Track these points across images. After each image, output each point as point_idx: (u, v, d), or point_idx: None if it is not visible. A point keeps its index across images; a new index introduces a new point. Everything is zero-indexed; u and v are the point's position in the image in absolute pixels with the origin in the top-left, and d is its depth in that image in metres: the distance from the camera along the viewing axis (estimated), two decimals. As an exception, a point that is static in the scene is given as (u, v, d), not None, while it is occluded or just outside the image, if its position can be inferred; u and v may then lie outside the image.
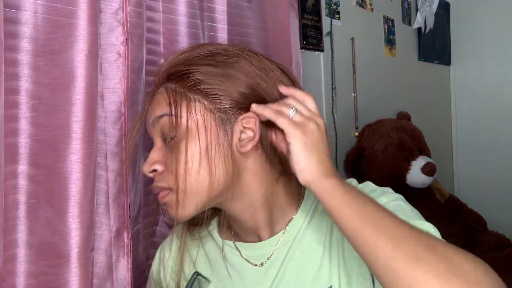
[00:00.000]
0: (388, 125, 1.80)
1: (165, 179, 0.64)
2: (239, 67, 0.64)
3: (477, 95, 2.66)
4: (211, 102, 0.63)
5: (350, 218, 0.54)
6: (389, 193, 0.67)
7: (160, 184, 0.65)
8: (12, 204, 0.73)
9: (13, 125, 0.73)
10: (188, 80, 0.63)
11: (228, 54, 0.66)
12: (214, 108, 0.63)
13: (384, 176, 1.70)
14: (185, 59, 0.66)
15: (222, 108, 0.63)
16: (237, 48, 0.67)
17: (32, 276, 0.74)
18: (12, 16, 0.72)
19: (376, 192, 0.67)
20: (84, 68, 0.77)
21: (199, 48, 0.67)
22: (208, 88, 0.63)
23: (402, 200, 0.66)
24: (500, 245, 1.79)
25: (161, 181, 0.65)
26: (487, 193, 2.53)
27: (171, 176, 0.63)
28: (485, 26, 2.60)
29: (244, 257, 0.71)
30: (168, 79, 0.66)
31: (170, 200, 0.64)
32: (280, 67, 0.69)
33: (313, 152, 0.58)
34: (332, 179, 0.57)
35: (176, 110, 0.62)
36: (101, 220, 0.85)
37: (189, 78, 0.63)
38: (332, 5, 1.69)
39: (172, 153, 0.63)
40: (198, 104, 0.63)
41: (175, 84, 0.64)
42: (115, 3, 0.85)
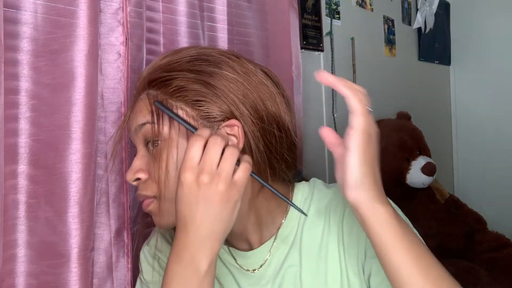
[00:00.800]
0: (388, 125, 1.80)
1: (149, 187, 0.63)
2: (221, 72, 0.62)
3: (477, 95, 2.66)
4: (194, 109, 0.61)
5: (401, 260, 0.52)
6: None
7: (144, 193, 0.64)
8: (12, 204, 0.73)
9: (13, 125, 0.73)
10: (170, 86, 0.62)
11: (210, 59, 0.64)
12: (196, 115, 0.61)
13: (384, 176, 1.68)
14: (167, 64, 0.64)
15: (205, 115, 0.61)
16: (219, 52, 0.66)
17: (32, 276, 0.74)
18: (12, 16, 0.72)
19: None
20: (84, 68, 0.77)
21: (181, 53, 0.65)
22: (190, 94, 0.61)
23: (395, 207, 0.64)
24: (500, 245, 1.79)
25: (145, 189, 0.64)
26: (487, 193, 2.53)
27: (154, 184, 0.62)
28: (485, 26, 2.60)
29: (238, 264, 0.71)
30: (150, 85, 0.64)
31: (154, 208, 0.64)
32: (263, 70, 0.67)
33: (371, 167, 0.53)
34: (387, 207, 0.53)
35: (158, 118, 0.61)
36: (101, 220, 0.85)
37: (171, 84, 0.62)
38: (332, 5, 1.69)
39: (155, 161, 0.62)
40: (180, 111, 0.61)
41: (157, 90, 0.63)
42: (115, 3, 0.85)
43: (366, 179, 0.52)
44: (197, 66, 0.63)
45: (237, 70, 0.63)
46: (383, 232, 0.52)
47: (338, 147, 0.56)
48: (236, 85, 0.62)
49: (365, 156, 0.51)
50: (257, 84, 0.64)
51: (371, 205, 0.52)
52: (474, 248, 1.80)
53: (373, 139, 0.53)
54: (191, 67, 0.63)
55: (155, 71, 0.64)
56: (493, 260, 1.71)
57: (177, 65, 0.63)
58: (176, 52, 0.66)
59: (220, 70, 0.63)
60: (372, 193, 0.52)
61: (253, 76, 0.65)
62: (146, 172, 0.63)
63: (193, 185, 0.54)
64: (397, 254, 0.52)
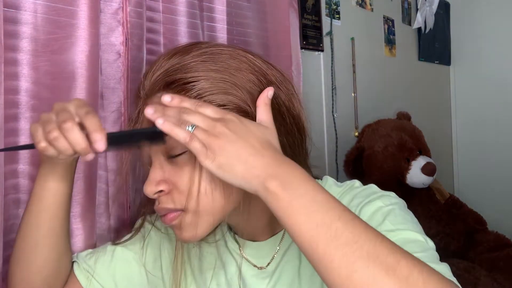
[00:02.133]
0: (388, 125, 1.80)
1: (174, 199, 0.58)
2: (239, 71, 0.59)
3: (477, 95, 2.65)
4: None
5: (302, 227, 0.47)
6: (388, 197, 0.63)
7: (169, 206, 0.58)
8: (12, 203, 0.73)
9: (13, 124, 0.73)
10: (192, 89, 0.57)
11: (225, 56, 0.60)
12: None
13: (384, 176, 1.69)
14: (181, 63, 0.59)
15: None
16: (230, 49, 0.62)
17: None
18: (12, 16, 0.72)
19: (375, 195, 0.63)
20: (85, 69, 0.77)
21: (193, 50, 0.60)
22: (215, 98, 0.57)
23: (399, 206, 0.61)
24: (500, 245, 1.79)
25: (169, 202, 0.58)
26: (487, 193, 2.53)
27: (180, 196, 0.58)
28: (485, 26, 2.60)
29: (243, 253, 0.71)
30: (167, 87, 0.58)
31: (182, 221, 0.59)
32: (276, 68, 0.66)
33: (236, 164, 0.50)
34: (274, 181, 0.49)
35: None
36: (101, 220, 0.85)
37: (193, 87, 0.57)
38: (332, 5, 1.69)
39: (181, 171, 0.57)
40: None
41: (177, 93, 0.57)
42: (115, 3, 0.85)
43: (237, 177, 0.50)
44: (216, 65, 0.59)
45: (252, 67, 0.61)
46: (275, 207, 0.49)
47: None
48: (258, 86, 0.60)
49: (220, 167, 0.50)
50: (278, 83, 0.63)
51: (258, 189, 0.50)
52: (474, 248, 1.80)
53: (218, 143, 0.51)
54: (211, 66, 0.58)
55: (171, 72, 0.58)
56: (493, 260, 1.70)
57: (193, 64, 0.58)
58: (186, 50, 0.61)
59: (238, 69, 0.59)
60: (253, 181, 0.50)
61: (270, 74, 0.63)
62: (168, 184, 0.58)
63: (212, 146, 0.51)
64: (296, 224, 0.47)
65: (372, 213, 0.60)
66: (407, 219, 0.59)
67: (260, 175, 0.50)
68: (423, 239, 0.56)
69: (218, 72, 0.58)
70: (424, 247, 0.55)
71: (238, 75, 0.59)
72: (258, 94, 0.59)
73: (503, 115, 2.55)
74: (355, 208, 0.62)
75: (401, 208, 0.61)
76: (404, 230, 0.56)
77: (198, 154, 0.51)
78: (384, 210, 0.59)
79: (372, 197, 0.63)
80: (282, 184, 0.49)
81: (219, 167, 0.50)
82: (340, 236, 0.45)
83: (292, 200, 0.48)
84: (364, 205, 0.61)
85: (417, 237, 0.56)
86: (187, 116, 0.52)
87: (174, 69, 0.59)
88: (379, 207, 0.60)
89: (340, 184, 0.70)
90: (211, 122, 0.52)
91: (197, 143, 0.51)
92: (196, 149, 0.51)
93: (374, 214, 0.59)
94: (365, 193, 0.64)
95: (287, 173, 0.50)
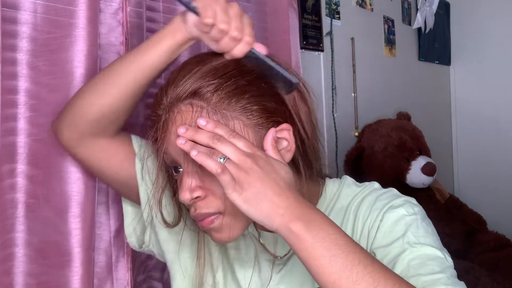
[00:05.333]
0: (388, 125, 1.80)
1: (211, 204, 0.60)
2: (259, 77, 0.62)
3: (477, 95, 2.65)
4: (248, 118, 0.59)
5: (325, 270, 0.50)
6: (410, 204, 0.64)
7: (207, 210, 0.60)
8: (10, 203, 0.72)
9: (12, 124, 0.73)
10: (220, 96, 0.58)
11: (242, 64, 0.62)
12: (251, 123, 0.59)
13: (384, 176, 1.69)
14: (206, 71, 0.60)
15: (258, 122, 0.60)
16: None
17: (32, 276, 0.74)
18: (11, 16, 0.72)
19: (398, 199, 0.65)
20: (84, 68, 0.77)
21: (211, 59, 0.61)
22: (242, 103, 0.59)
23: (421, 216, 0.63)
24: (500, 245, 1.79)
25: (207, 207, 0.60)
26: (487, 193, 2.52)
27: (217, 200, 0.59)
28: (485, 26, 2.59)
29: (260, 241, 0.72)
30: (193, 95, 0.58)
31: (219, 224, 0.61)
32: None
33: (262, 201, 0.53)
34: (297, 223, 0.52)
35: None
36: (101, 220, 0.85)
37: (221, 93, 0.58)
38: (332, 5, 1.69)
39: (215, 178, 0.57)
40: (237, 122, 0.59)
41: (204, 102, 0.58)
42: (115, 3, 0.85)
43: (261, 214, 0.53)
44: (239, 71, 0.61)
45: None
46: (297, 248, 0.52)
47: None
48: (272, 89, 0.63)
49: (246, 202, 0.53)
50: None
51: (281, 229, 0.53)
52: (474, 248, 1.80)
53: (246, 179, 0.53)
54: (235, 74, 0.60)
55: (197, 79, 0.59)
56: (493, 260, 1.70)
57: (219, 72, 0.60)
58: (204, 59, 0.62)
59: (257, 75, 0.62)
60: (277, 220, 0.52)
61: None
62: (203, 189, 0.60)
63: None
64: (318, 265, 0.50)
65: (395, 221, 0.62)
66: (428, 232, 0.62)
67: (285, 214, 0.52)
68: (442, 255, 0.58)
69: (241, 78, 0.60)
70: (443, 265, 0.57)
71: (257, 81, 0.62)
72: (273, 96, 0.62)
73: (503, 115, 2.55)
74: (378, 211, 0.63)
75: (423, 219, 0.63)
76: (425, 245, 0.59)
77: (226, 186, 0.53)
78: (407, 219, 0.62)
79: (395, 202, 0.64)
80: (306, 226, 0.52)
81: (245, 201, 0.53)
82: (361, 280, 0.49)
83: (315, 243, 0.51)
84: (387, 211, 0.63)
85: (437, 253, 0.58)
86: (220, 146, 0.55)
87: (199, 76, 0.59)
88: (402, 215, 0.62)
89: (360, 184, 0.71)
90: (242, 156, 0.54)
91: (227, 176, 0.53)
92: (225, 182, 0.53)
93: (398, 222, 0.61)
94: (387, 196, 0.66)
95: (310, 216, 0.53)
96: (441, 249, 0.60)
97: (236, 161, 0.54)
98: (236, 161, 0.54)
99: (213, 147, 0.55)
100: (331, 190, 0.71)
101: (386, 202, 0.64)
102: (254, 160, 0.54)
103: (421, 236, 0.60)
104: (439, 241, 0.62)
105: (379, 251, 0.61)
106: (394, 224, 0.61)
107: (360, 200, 0.67)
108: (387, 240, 0.61)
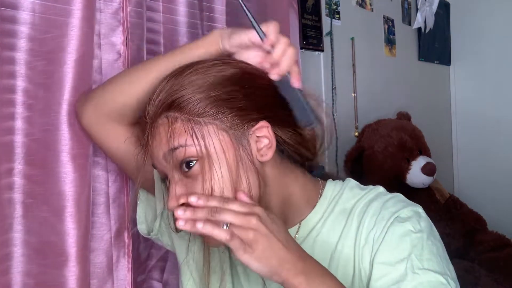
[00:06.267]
0: (388, 125, 1.80)
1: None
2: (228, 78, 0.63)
3: (477, 95, 2.66)
4: (222, 121, 0.60)
5: None
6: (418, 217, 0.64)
7: None
8: (7, 203, 0.72)
9: (9, 124, 0.73)
10: (190, 104, 0.60)
11: (209, 66, 0.64)
12: (226, 127, 0.61)
13: (384, 176, 1.69)
14: (176, 84, 0.62)
15: (233, 124, 0.61)
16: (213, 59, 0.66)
17: (30, 276, 0.74)
18: (10, 15, 0.72)
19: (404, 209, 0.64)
20: (80, 68, 0.77)
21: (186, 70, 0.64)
22: (214, 108, 0.60)
23: (427, 232, 0.63)
24: (500, 245, 1.79)
25: None
26: (487, 193, 2.53)
27: None
28: (485, 26, 2.60)
29: None
30: (168, 108, 0.61)
31: None
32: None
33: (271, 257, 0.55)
34: (300, 277, 0.55)
35: (193, 139, 0.59)
36: (101, 221, 0.85)
37: (190, 103, 0.60)
38: (332, 5, 1.69)
39: (197, 182, 0.60)
40: (211, 127, 0.60)
41: (178, 112, 0.60)
42: (115, 3, 0.85)
43: (270, 269, 0.55)
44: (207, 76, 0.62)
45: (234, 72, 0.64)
46: None
47: None
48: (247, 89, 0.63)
49: (256, 259, 0.54)
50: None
51: (286, 283, 0.55)
52: (474, 248, 1.80)
53: (255, 237, 0.55)
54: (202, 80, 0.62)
55: (169, 94, 0.61)
56: (493, 260, 1.70)
57: (187, 83, 0.62)
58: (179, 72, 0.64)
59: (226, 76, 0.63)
60: (283, 274, 0.55)
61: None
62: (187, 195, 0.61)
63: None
64: None
65: (400, 236, 0.61)
66: (433, 253, 0.61)
67: (290, 269, 0.55)
68: (445, 280, 0.58)
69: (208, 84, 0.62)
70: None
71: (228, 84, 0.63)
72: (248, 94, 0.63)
73: (503, 115, 2.55)
74: (384, 223, 0.63)
75: (428, 236, 0.62)
76: (429, 271, 0.58)
77: (237, 250, 0.54)
78: (413, 237, 0.61)
79: (401, 212, 0.64)
80: (307, 280, 0.55)
81: (257, 260, 0.54)
82: None
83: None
84: (393, 223, 0.62)
85: (440, 279, 0.58)
86: (220, 216, 0.56)
87: (171, 90, 0.62)
88: (408, 231, 0.62)
89: (364, 187, 0.70)
90: (244, 217, 0.56)
91: (237, 240, 0.54)
92: (236, 246, 0.54)
93: (403, 239, 0.61)
94: (393, 203, 0.66)
95: (311, 270, 0.56)
96: (444, 273, 0.59)
97: (239, 223, 0.55)
98: (239, 223, 0.55)
99: (215, 220, 0.56)
100: (332, 192, 0.70)
101: (393, 211, 0.64)
102: (257, 218, 0.56)
103: (425, 259, 0.59)
104: (443, 261, 0.61)
105: (381, 267, 0.60)
106: (399, 240, 0.61)
107: (365, 204, 0.66)
108: (391, 259, 0.60)
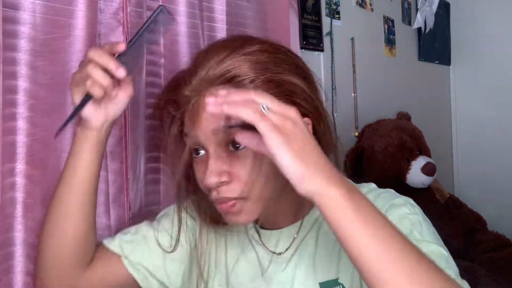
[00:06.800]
0: (388, 125, 1.80)
1: (235, 189, 0.60)
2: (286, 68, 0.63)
3: (477, 95, 2.65)
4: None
5: (362, 244, 0.48)
6: (410, 204, 0.66)
7: (230, 195, 0.60)
8: (9, 202, 0.72)
9: (11, 124, 0.73)
10: (255, 86, 0.59)
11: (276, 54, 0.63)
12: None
13: (384, 176, 1.69)
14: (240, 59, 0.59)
15: None
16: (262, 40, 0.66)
17: (31, 275, 0.74)
18: (11, 16, 0.71)
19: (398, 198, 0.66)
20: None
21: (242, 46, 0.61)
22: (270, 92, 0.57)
23: (422, 216, 0.64)
24: (500, 245, 1.79)
25: (230, 192, 0.60)
26: (487, 193, 2.52)
27: (241, 185, 0.59)
28: (485, 26, 2.59)
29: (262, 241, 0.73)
30: (228, 81, 0.59)
31: (239, 208, 0.61)
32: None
33: (305, 156, 0.49)
34: (340, 189, 0.48)
35: None
36: (101, 220, 0.85)
37: (257, 84, 0.59)
38: (332, 5, 1.69)
39: (243, 162, 0.59)
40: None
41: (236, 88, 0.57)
42: (115, 3, 0.85)
43: (305, 170, 0.48)
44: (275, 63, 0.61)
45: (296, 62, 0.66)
46: (337, 216, 0.48)
47: (262, 146, 0.50)
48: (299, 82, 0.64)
49: (291, 151, 0.48)
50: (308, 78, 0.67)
51: (322, 191, 0.48)
52: (474, 248, 1.80)
53: (293, 131, 0.48)
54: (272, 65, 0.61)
55: (231, 65, 0.59)
56: (493, 260, 1.70)
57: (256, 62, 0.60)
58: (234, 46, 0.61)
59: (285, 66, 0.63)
60: (318, 180, 0.48)
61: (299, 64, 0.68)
62: (229, 174, 0.60)
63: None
64: (357, 238, 0.48)
65: (399, 218, 0.62)
66: (431, 231, 0.63)
67: (330, 178, 0.49)
68: (447, 253, 0.59)
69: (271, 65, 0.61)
70: (449, 263, 0.57)
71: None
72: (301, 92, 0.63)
73: (503, 115, 2.55)
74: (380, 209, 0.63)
75: (424, 218, 0.64)
76: (431, 243, 0.59)
77: (269, 132, 0.47)
78: (411, 218, 0.62)
79: (395, 201, 0.65)
80: (349, 192, 0.49)
81: (292, 150, 0.48)
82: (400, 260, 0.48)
83: (356, 212, 0.48)
84: (389, 210, 0.64)
85: (443, 251, 0.59)
86: (256, 97, 0.49)
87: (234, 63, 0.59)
88: (405, 214, 0.63)
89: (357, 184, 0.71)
90: (284, 107, 0.50)
91: (269, 122, 0.48)
92: (267, 128, 0.47)
93: (402, 220, 0.62)
94: (387, 195, 0.68)
95: (348, 185, 0.50)
96: (444, 247, 0.60)
97: (278, 110, 0.49)
98: (278, 110, 0.49)
99: (252, 99, 0.49)
100: None
101: (388, 199, 0.66)
102: (295, 110, 0.50)
103: (425, 234, 0.61)
104: (441, 240, 0.63)
105: None
106: (399, 221, 0.61)
107: None
108: None
